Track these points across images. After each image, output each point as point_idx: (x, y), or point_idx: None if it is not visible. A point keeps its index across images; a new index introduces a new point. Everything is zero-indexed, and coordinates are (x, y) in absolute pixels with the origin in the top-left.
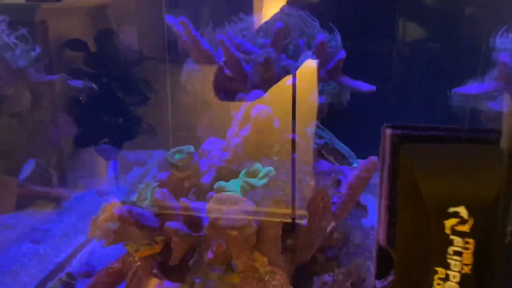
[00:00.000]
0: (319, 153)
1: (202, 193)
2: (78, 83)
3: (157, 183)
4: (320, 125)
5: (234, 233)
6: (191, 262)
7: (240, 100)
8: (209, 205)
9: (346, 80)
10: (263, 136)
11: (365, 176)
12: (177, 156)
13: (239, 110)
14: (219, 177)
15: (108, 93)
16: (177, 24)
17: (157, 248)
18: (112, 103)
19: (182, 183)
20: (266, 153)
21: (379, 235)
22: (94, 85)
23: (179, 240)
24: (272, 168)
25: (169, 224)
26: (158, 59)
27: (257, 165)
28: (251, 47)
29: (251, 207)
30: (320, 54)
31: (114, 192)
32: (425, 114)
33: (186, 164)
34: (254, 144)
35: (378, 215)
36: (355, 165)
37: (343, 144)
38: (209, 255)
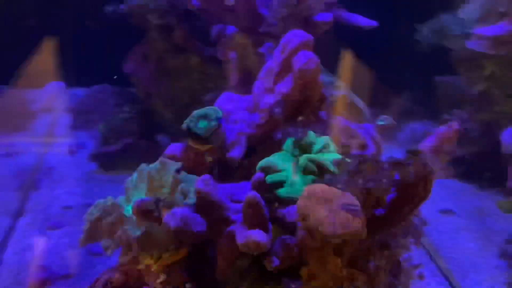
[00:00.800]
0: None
1: (230, 172)
2: None
3: (178, 164)
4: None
5: (338, 241)
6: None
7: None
8: (302, 203)
9: (343, 14)
10: (308, 93)
11: (446, 150)
12: (202, 124)
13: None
14: (252, 150)
15: None
16: None
17: (184, 252)
18: None
19: (203, 159)
20: (308, 116)
21: None
22: None
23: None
24: (328, 138)
25: (255, 236)
26: None
27: (310, 134)
28: None
29: (358, 204)
30: None
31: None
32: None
33: (214, 134)
34: (297, 104)
35: None
36: (380, 122)
37: (357, 97)
38: (275, 261)
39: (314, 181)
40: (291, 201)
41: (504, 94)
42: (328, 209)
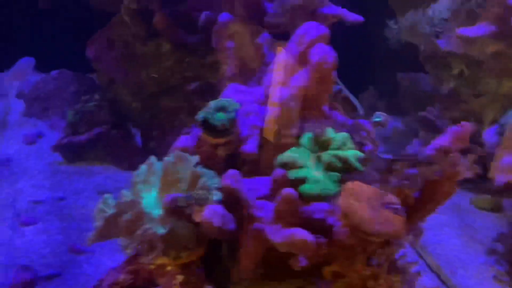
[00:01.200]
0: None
1: (237, 167)
2: None
3: (196, 158)
4: None
5: (379, 239)
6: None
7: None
8: (345, 201)
9: (329, 7)
10: (322, 87)
11: (459, 149)
12: (220, 116)
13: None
14: (266, 144)
15: None
16: None
17: (202, 251)
18: None
19: (215, 152)
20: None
21: None
22: None
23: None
24: (347, 135)
25: (301, 234)
26: None
27: (328, 130)
28: None
29: (399, 203)
30: None
31: None
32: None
33: (230, 128)
34: (312, 98)
35: None
36: (375, 119)
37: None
38: (302, 261)
39: (340, 178)
40: (315, 198)
41: (472, 93)
42: (371, 207)
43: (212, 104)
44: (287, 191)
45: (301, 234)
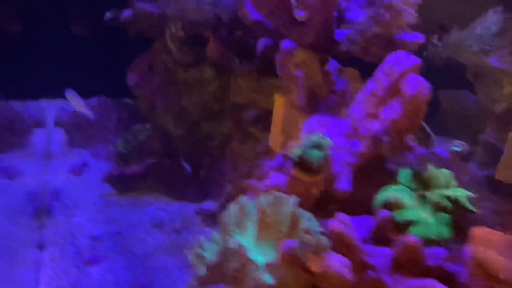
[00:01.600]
0: None
1: (331, 205)
2: None
3: (295, 199)
4: None
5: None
6: None
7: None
8: (479, 249)
9: (409, 34)
10: (415, 120)
11: None
12: (315, 153)
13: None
14: (358, 181)
15: None
16: None
17: None
18: None
19: (307, 191)
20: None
21: None
22: None
23: None
24: (450, 172)
25: (435, 286)
26: None
27: (431, 168)
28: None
29: None
30: None
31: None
32: None
33: (324, 165)
34: (404, 132)
35: None
36: (456, 148)
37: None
38: None
39: (451, 220)
40: (428, 242)
41: None
42: (504, 254)
43: (307, 141)
44: (412, 240)
45: (438, 287)
